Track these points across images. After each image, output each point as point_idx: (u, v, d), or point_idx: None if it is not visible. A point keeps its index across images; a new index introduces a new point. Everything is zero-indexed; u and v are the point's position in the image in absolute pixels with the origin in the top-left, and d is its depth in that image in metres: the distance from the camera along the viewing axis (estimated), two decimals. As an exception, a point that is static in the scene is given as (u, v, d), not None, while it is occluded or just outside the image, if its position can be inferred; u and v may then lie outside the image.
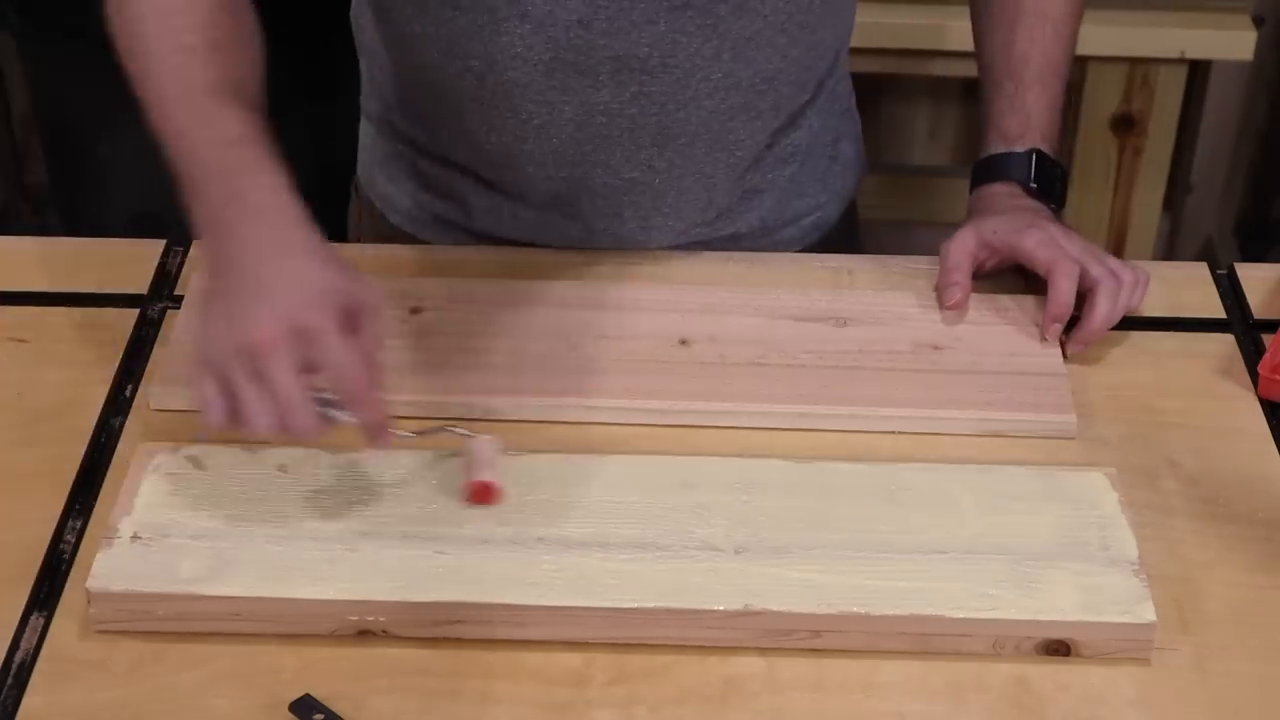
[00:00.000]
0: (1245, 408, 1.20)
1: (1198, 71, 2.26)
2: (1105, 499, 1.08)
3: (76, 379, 1.21)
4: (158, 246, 1.34)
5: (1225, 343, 1.26)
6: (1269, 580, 1.07)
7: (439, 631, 1.02)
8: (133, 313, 1.27)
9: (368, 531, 1.05)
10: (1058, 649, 1.01)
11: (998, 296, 1.26)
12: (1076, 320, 1.22)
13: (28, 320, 1.27)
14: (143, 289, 1.30)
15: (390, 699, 0.99)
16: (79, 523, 1.10)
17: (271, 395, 0.99)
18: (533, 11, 1.21)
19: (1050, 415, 1.17)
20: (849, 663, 1.01)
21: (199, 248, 1.04)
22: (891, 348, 1.22)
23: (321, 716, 0.97)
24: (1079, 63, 2.19)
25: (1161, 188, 2.31)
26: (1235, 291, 1.31)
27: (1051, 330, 1.22)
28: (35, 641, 1.02)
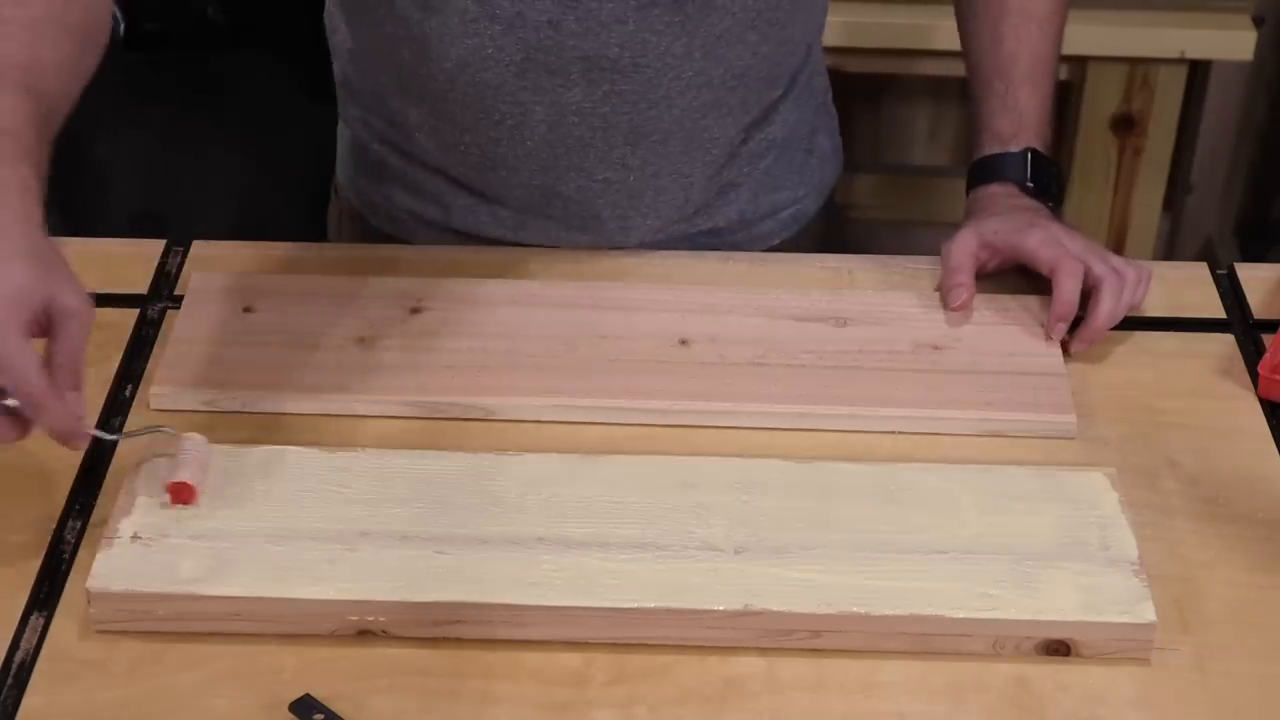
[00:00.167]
0: (1245, 408, 1.20)
1: (1198, 71, 2.26)
2: (1105, 499, 1.08)
3: (76, 379, 1.21)
4: (158, 246, 1.34)
5: (1225, 343, 1.26)
6: (1269, 580, 1.07)
7: (439, 631, 1.02)
8: (133, 313, 1.27)
9: (368, 531, 1.05)
10: (1058, 649, 1.01)
11: (998, 296, 1.26)
12: (1079, 319, 1.22)
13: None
14: (143, 289, 1.30)
15: (390, 699, 0.99)
16: (79, 523, 1.10)
17: None
18: (502, 13, 1.21)
19: (1050, 415, 1.17)
20: (849, 663, 1.01)
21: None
22: (891, 348, 1.22)
23: (321, 716, 0.97)
24: (1079, 63, 2.19)
25: (1161, 188, 2.30)
26: (1235, 291, 1.31)
27: (1056, 329, 1.22)
28: (35, 641, 1.02)
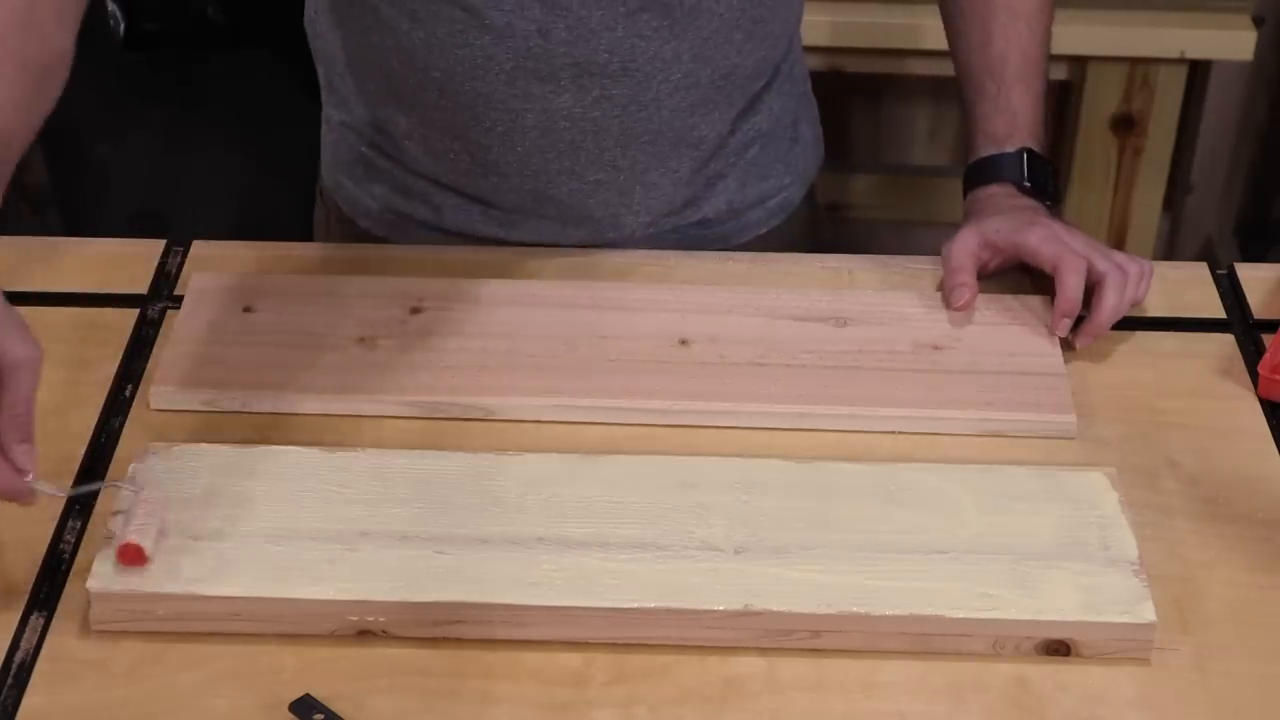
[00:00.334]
0: (1245, 408, 1.20)
1: (1198, 71, 2.26)
2: (1105, 499, 1.08)
3: (76, 379, 1.21)
4: (158, 246, 1.34)
5: (1225, 343, 1.26)
6: (1269, 580, 1.07)
7: (439, 631, 1.02)
8: (133, 313, 1.27)
9: (368, 531, 1.05)
10: (1058, 649, 1.01)
11: (999, 296, 1.26)
12: (1082, 315, 1.22)
13: (28, 320, 1.26)
14: (143, 289, 1.30)
15: (390, 699, 0.99)
16: (79, 523, 1.10)
17: None
18: (491, 23, 1.22)
19: (1050, 415, 1.17)
20: (849, 663, 1.01)
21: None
22: (891, 348, 1.22)
23: (321, 716, 0.97)
24: (1079, 63, 2.19)
25: (1161, 188, 2.30)
26: (1235, 291, 1.31)
27: (1061, 325, 1.22)
28: (35, 641, 1.02)
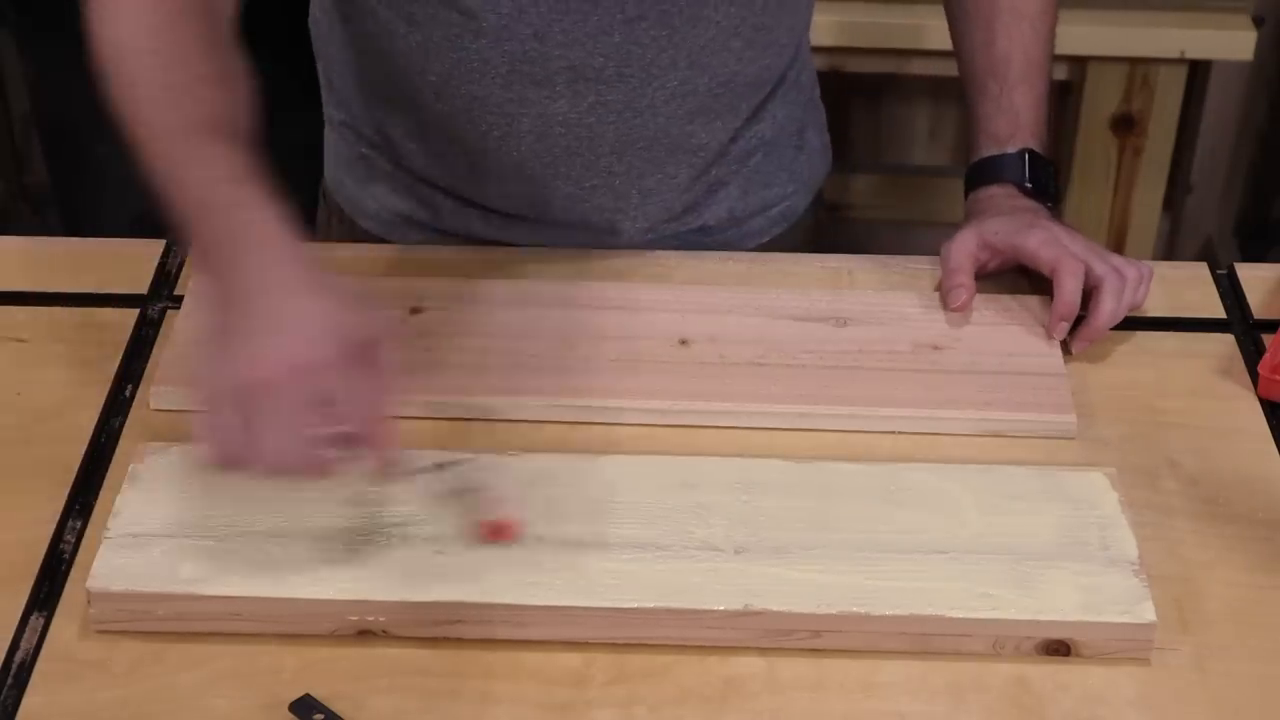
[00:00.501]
0: (1245, 408, 1.20)
1: (1198, 71, 2.26)
2: (1105, 499, 1.08)
3: (76, 379, 1.21)
4: (158, 246, 1.34)
5: (1225, 343, 1.26)
6: (1269, 580, 1.07)
7: (439, 631, 1.02)
8: (133, 313, 1.27)
9: (368, 531, 1.05)
10: (1058, 649, 1.01)
11: (998, 296, 1.26)
12: (1080, 318, 1.22)
13: (28, 320, 1.27)
14: (143, 289, 1.30)
15: (390, 699, 0.99)
16: (79, 523, 1.10)
17: (273, 435, 0.96)
18: (488, 26, 1.21)
19: (1050, 415, 1.17)
20: (849, 663, 1.01)
21: (198, 282, 1.01)
22: (891, 348, 1.22)
23: (321, 716, 0.97)
24: (1079, 63, 2.19)
25: (1161, 188, 2.31)
26: (1235, 291, 1.31)
27: (1058, 329, 1.22)
28: (35, 641, 1.02)
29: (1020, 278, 1.27)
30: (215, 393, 0.98)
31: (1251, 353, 1.24)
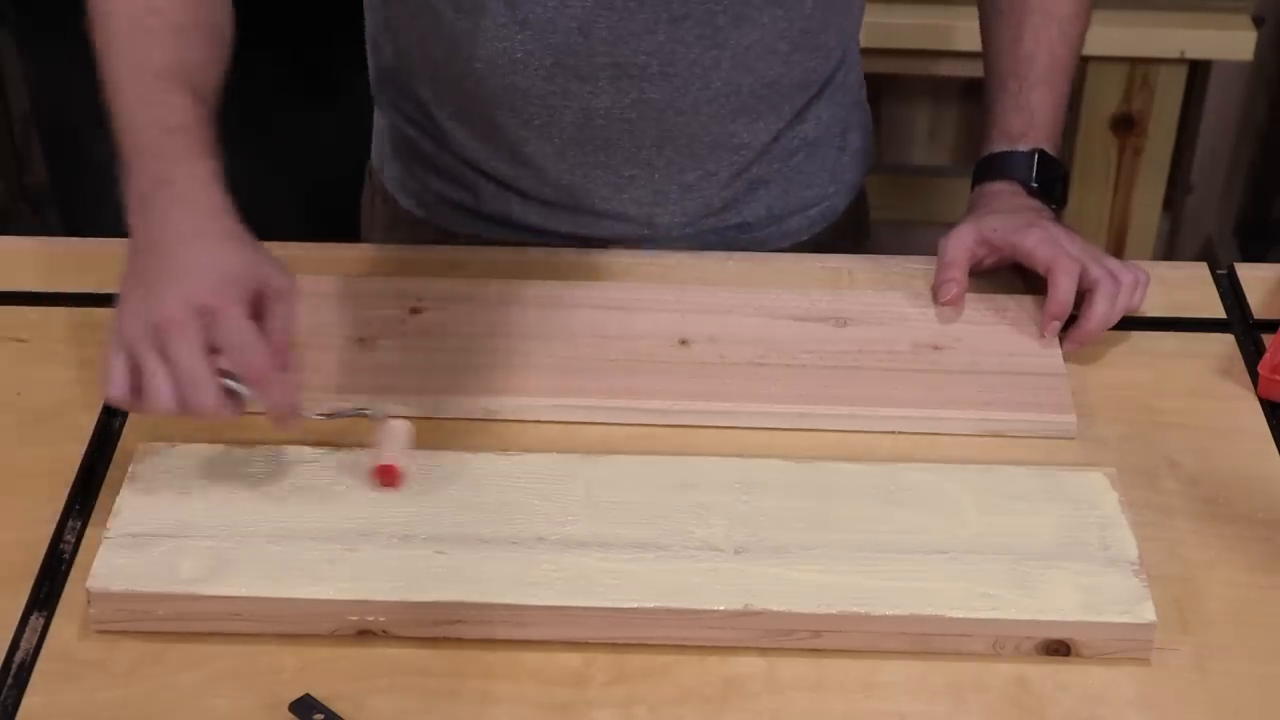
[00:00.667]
0: (1245, 408, 1.20)
1: (1198, 71, 2.27)
2: (1105, 499, 1.08)
3: (76, 379, 1.21)
4: (158, 246, 1.34)
5: (1225, 343, 1.26)
6: (1269, 580, 1.07)
7: (439, 631, 1.02)
8: (133, 313, 1.27)
9: (368, 531, 1.05)
10: (1058, 649, 1.01)
11: (997, 296, 1.26)
12: (1074, 319, 1.22)
13: (28, 320, 1.27)
14: (143, 289, 1.30)
15: (390, 699, 0.99)
16: (79, 523, 1.10)
17: (174, 373, 1.01)
18: (533, 19, 1.21)
19: (1050, 415, 1.17)
20: (849, 663, 1.01)
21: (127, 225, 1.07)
22: (891, 348, 1.22)
23: (321, 716, 0.97)
24: (1079, 63, 2.19)
25: (1161, 188, 2.31)
26: (1235, 291, 1.31)
27: (1050, 328, 1.22)
28: (35, 641, 1.02)
29: (1014, 276, 1.27)
30: (123, 333, 1.03)
31: (1251, 353, 1.24)
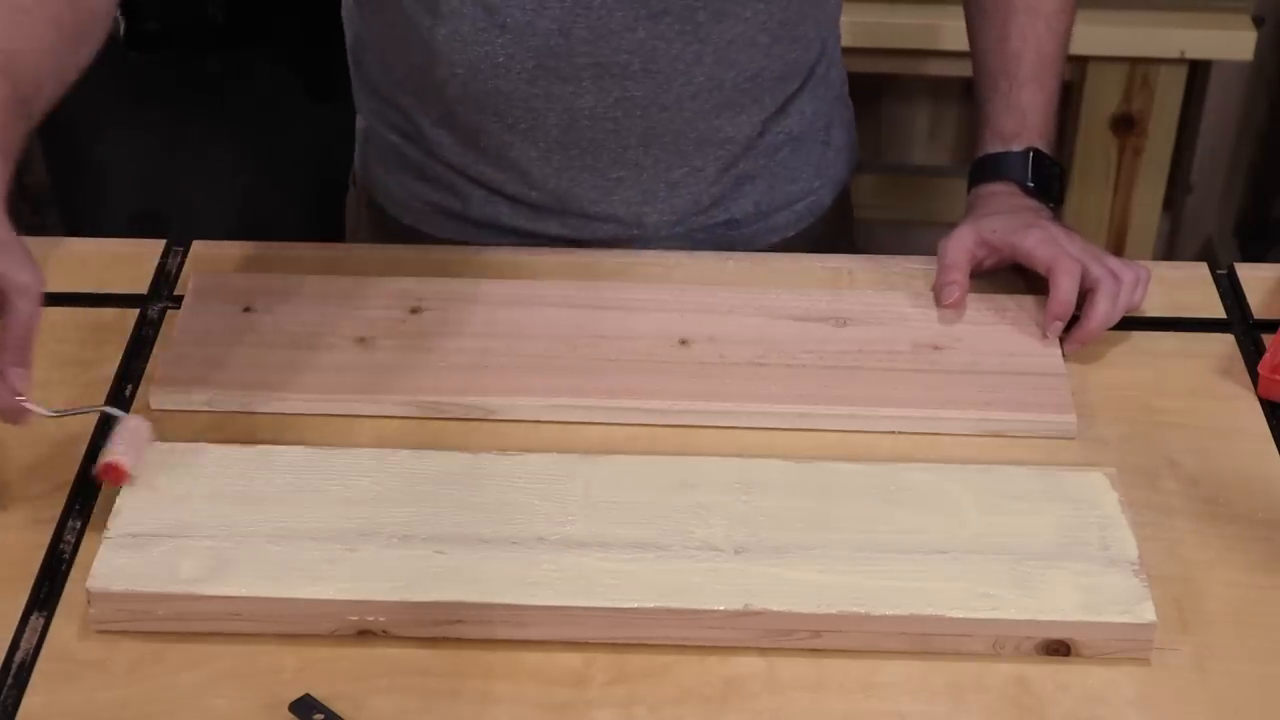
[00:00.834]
0: (1245, 408, 1.20)
1: (1198, 71, 2.26)
2: (1105, 499, 1.08)
3: (76, 379, 1.21)
4: (158, 246, 1.34)
5: (1225, 343, 1.26)
6: (1269, 580, 1.07)
7: (439, 631, 1.02)
8: (133, 313, 1.27)
9: (368, 531, 1.05)
10: (1058, 649, 1.01)
11: (997, 296, 1.26)
12: (1075, 319, 1.22)
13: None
14: (143, 289, 1.30)
15: (390, 699, 0.99)
16: (79, 523, 1.10)
17: None
18: (512, 22, 1.22)
19: (1050, 415, 1.17)
20: (849, 663, 1.01)
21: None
22: (891, 348, 1.22)
23: (321, 716, 0.97)
24: (1079, 63, 2.19)
25: (1161, 188, 2.30)
26: (1235, 291, 1.31)
27: (1053, 328, 1.22)
28: (35, 641, 1.02)
29: (1015, 277, 1.27)
30: None
31: (1251, 353, 1.24)
